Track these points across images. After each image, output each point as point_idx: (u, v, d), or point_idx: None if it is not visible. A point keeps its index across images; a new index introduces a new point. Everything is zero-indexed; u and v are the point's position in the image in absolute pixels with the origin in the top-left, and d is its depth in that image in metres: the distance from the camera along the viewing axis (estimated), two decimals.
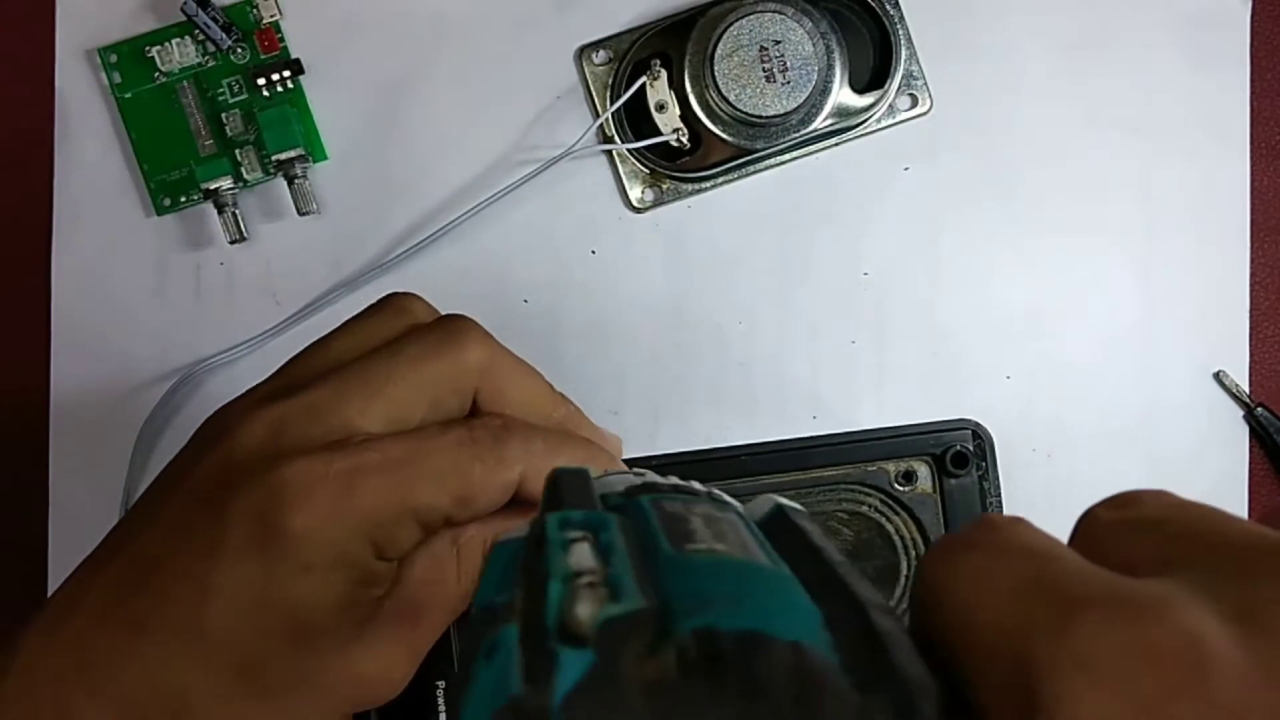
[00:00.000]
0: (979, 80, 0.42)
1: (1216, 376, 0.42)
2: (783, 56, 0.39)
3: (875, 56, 0.41)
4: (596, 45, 0.42)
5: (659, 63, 0.41)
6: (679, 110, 0.41)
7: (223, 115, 0.42)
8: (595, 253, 0.43)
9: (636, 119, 0.42)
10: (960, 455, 0.39)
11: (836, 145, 0.42)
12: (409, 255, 0.42)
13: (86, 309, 0.43)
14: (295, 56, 0.42)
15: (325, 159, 0.43)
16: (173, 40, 0.42)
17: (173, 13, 0.42)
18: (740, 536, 0.16)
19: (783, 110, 0.39)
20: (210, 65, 0.42)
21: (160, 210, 0.43)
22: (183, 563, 0.25)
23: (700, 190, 0.42)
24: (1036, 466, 0.42)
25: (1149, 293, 0.42)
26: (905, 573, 0.40)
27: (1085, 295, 0.42)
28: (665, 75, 0.41)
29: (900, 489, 0.40)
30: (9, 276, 0.43)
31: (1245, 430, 0.42)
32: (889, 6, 0.41)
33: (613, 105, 0.41)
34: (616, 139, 0.42)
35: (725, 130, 0.40)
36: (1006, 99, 0.42)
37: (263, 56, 0.42)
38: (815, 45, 0.39)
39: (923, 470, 0.40)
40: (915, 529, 0.40)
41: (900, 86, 0.41)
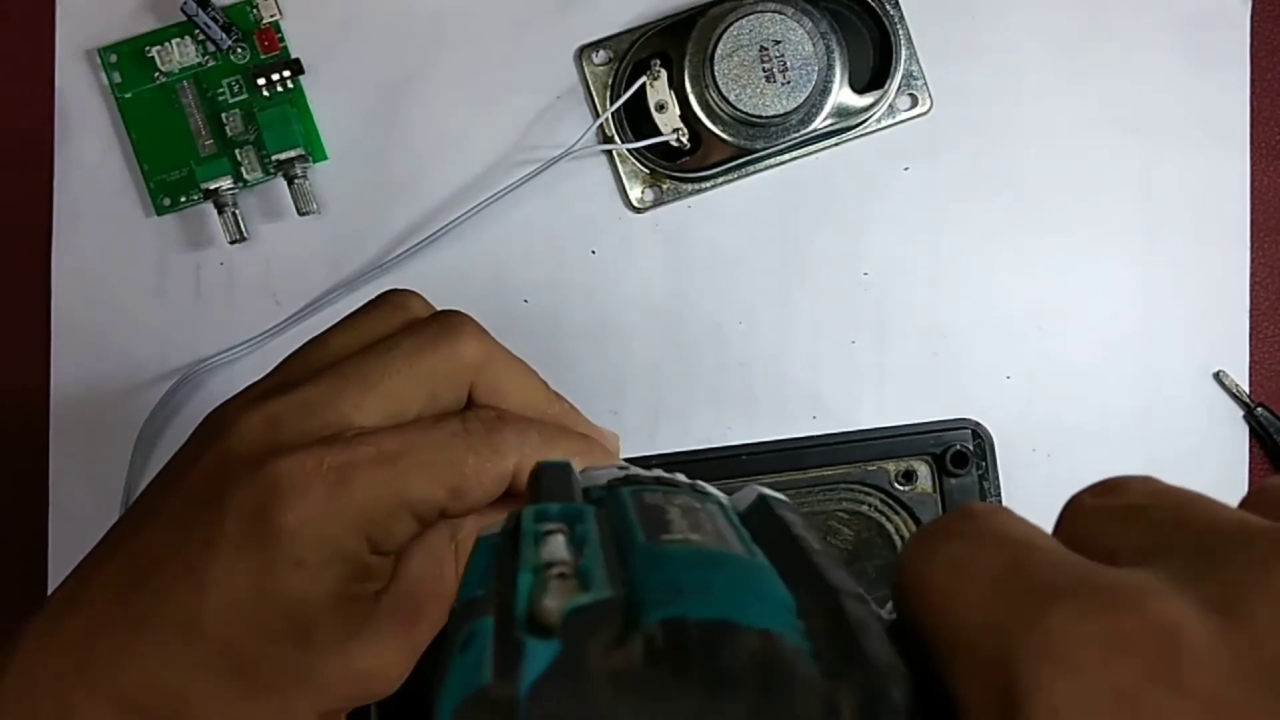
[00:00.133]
0: (979, 80, 0.42)
1: (1216, 376, 0.42)
2: (783, 56, 0.39)
3: (875, 56, 0.41)
4: (596, 45, 0.42)
5: (659, 63, 0.41)
6: (679, 110, 0.41)
7: (223, 115, 0.42)
8: (595, 253, 0.43)
9: (636, 119, 0.42)
10: (960, 455, 0.39)
11: (836, 145, 0.42)
12: (409, 255, 0.42)
13: (86, 309, 0.43)
14: (295, 56, 0.42)
15: (325, 159, 0.43)
16: (173, 40, 0.42)
17: (173, 13, 0.42)
18: (717, 526, 0.16)
19: (783, 110, 0.39)
20: (210, 65, 0.42)
21: (160, 210, 0.43)
22: (181, 560, 0.25)
23: (700, 190, 0.42)
24: (1036, 466, 0.42)
25: (1149, 292, 0.42)
26: None
27: (1085, 295, 0.42)
28: (665, 75, 0.41)
29: (900, 488, 0.40)
30: (9, 276, 0.43)
31: (1245, 430, 0.42)
32: (889, 6, 0.41)
33: (613, 105, 0.41)
34: (616, 139, 0.42)
35: (725, 130, 0.40)
36: (1006, 99, 0.42)
37: (263, 56, 0.42)
38: (815, 45, 0.39)
39: (923, 470, 0.40)
40: (915, 528, 0.40)
41: (900, 86, 0.41)
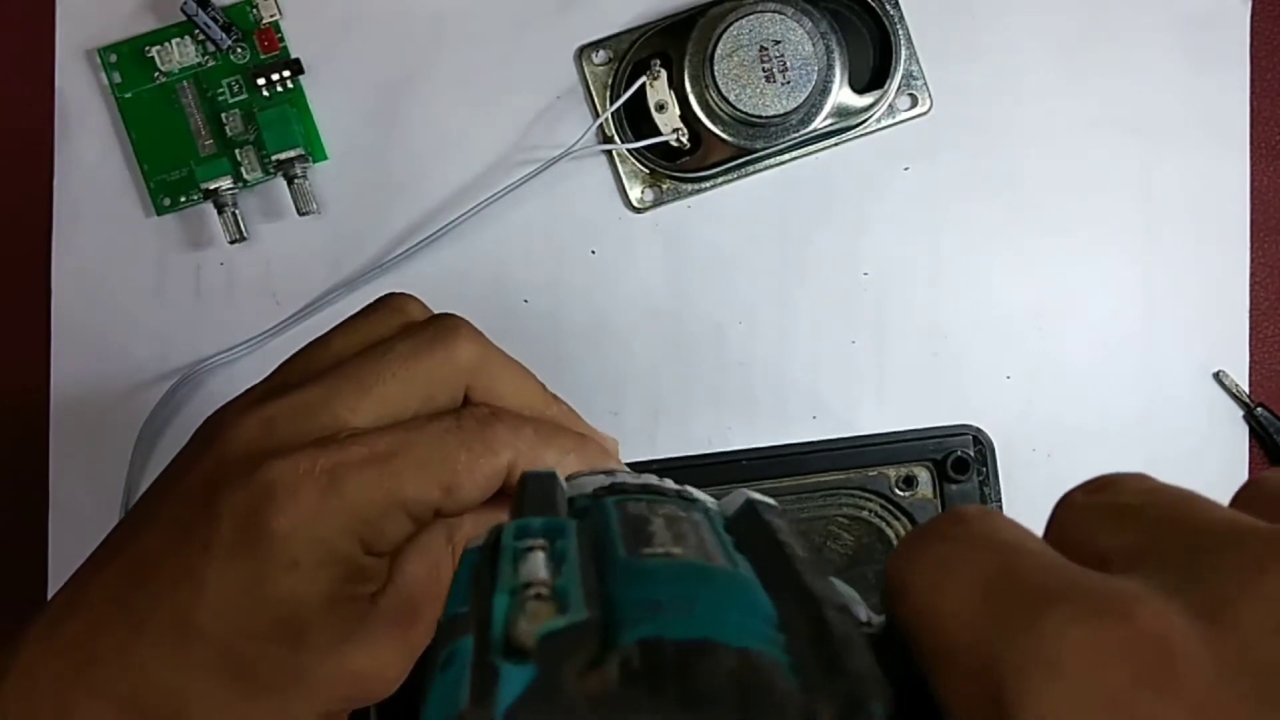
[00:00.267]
0: (979, 80, 0.42)
1: (1216, 376, 0.42)
2: (783, 56, 0.39)
3: (875, 56, 0.41)
4: (596, 45, 0.42)
5: (659, 63, 0.41)
6: (679, 110, 0.41)
7: (223, 115, 0.42)
8: (595, 253, 0.43)
9: (636, 119, 0.42)
10: (961, 461, 0.39)
11: (836, 145, 0.42)
12: (409, 255, 0.42)
13: (86, 309, 0.43)
14: (295, 56, 0.42)
15: (325, 159, 0.43)
16: (173, 40, 0.42)
17: (173, 13, 0.42)
18: (700, 537, 0.16)
19: (783, 110, 0.39)
20: (210, 65, 0.42)
21: (160, 210, 0.43)
22: (179, 563, 0.25)
23: (700, 190, 0.42)
24: (1036, 466, 0.42)
25: (1149, 293, 0.42)
26: None
27: (1085, 295, 0.42)
28: (665, 75, 0.40)
29: (901, 494, 0.40)
30: (9, 276, 0.43)
31: (1245, 430, 0.42)
32: (889, 6, 0.41)
33: (613, 105, 0.41)
34: (616, 139, 0.42)
35: (725, 130, 0.40)
36: (1006, 99, 0.42)
37: (263, 56, 0.42)
38: (815, 45, 0.39)
39: (923, 475, 0.40)
40: None
41: (900, 86, 0.41)
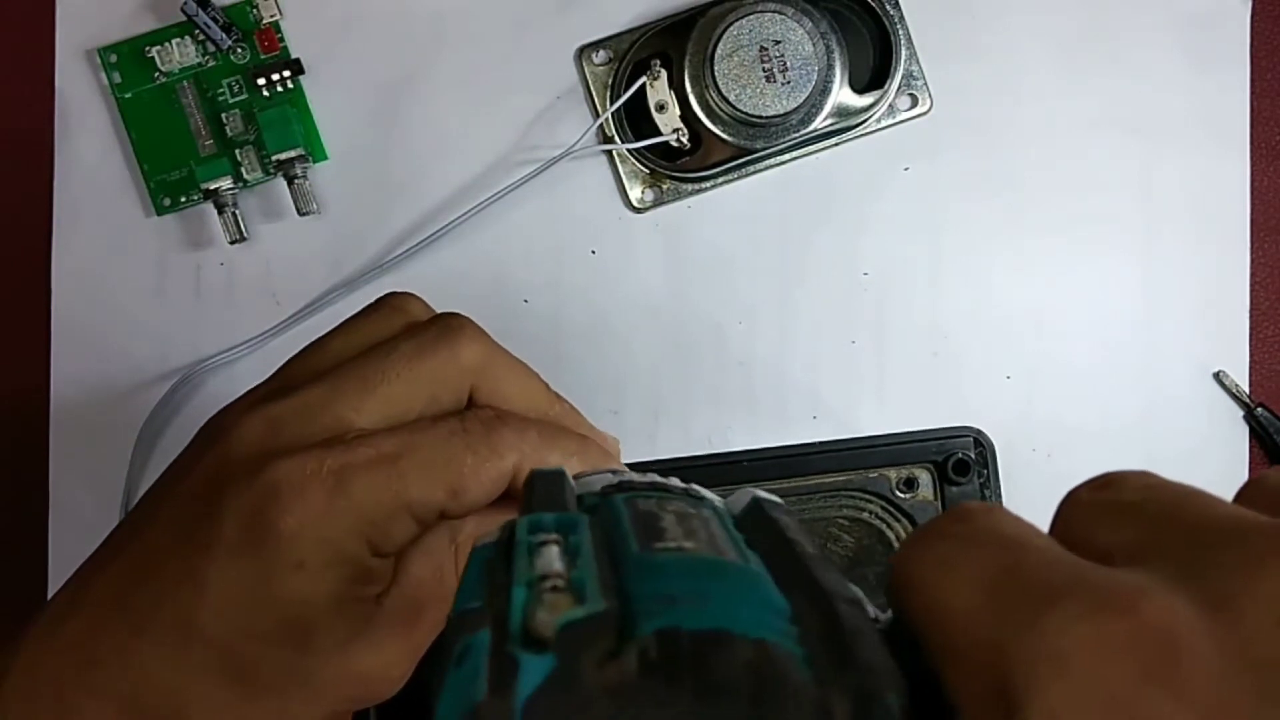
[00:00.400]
0: (979, 80, 0.42)
1: (1216, 376, 0.42)
2: (783, 56, 0.39)
3: (875, 56, 0.41)
4: (596, 45, 0.42)
5: (659, 63, 0.41)
6: (679, 110, 0.41)
7: (223, 115, 0.42)
8: (595, 253, 0.43)
9: (636, 119, 0.42)
10: (962, 463, 0.39)
11: (836, 145, 0.42)
12: (409, 255, 0.42)
13: (86, 309, 0.43)
14: (295, 56, 0.42)
15: (325, 159, 0.43)
16: (173, 40, 0.42)
17: (173, 13, 0.41)
18: (711, 533, 0.16)
19: (783, 110, 0.39)
20: (210, 65, 0.42)
21: (160, 210, 0.43)
22: (180, 563, 0.25)
23: (700, 190, 0.42)
24: (1036, 466, 0.42)
25: (1149, 293, 0.42)
26: None
27: (1085, 295, 0.42)
28: (665, 75, 0.40)
29: (902, 496, 0.40)
30: (9, 276, 0.43)
31: (1245, 430, 0.42)
32: (889, 6, 0.41)
33: (613, 105, 0.41)
34: (616, 139, 0.42)
35: (725, 130, 0.40)
36: (1006, 99, 0.42)
37: (263, 56, 0.42)
38: (815, 45, 0.39)
39: (924, 477, 0.40)
40: None
41: (900, 86, 0.41)
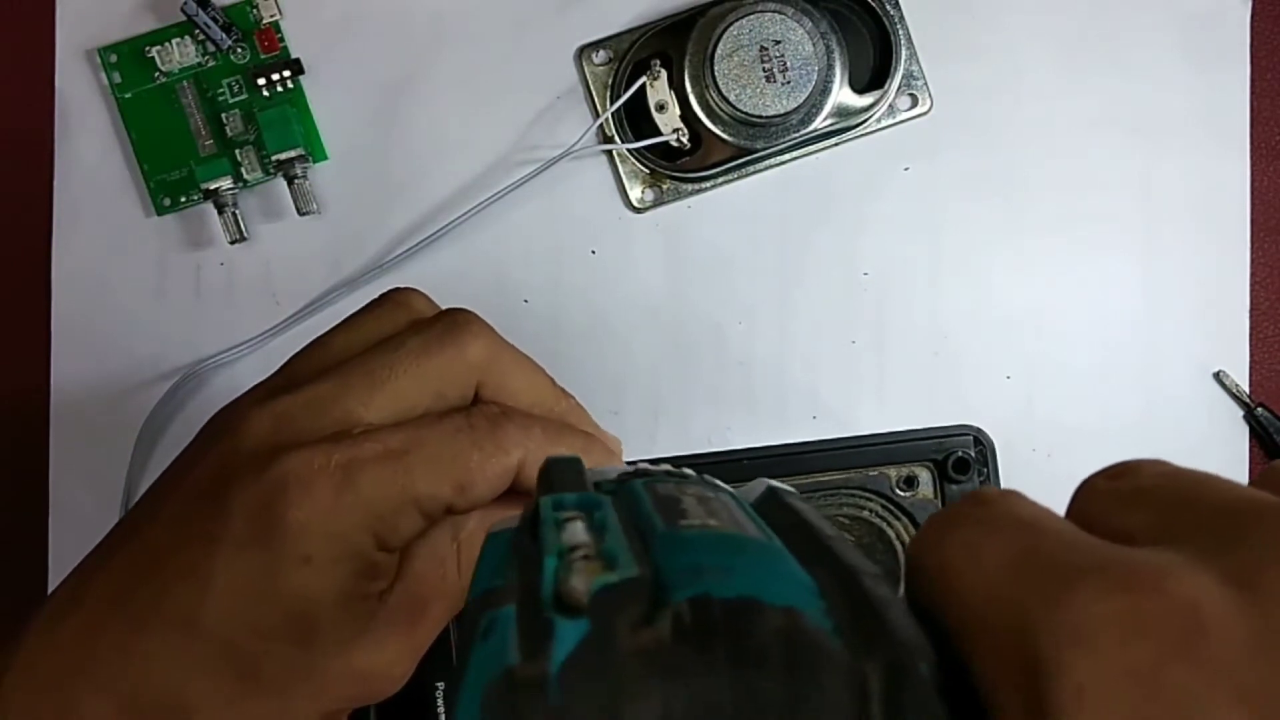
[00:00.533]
0: (979, 80, 0.42)
1: (1216, 376, 0.42)
2: (783, 56, 0.39)
3: (875, 56, 0.41)
4: (596, 45, 0.42)
5: (659, 63, 0.41)
6: (679, 110, 0.41)
7: (223, 115, 0.42)
8: (595, 253, 0.43)
9: (636, 119, 0.42)
10: (962, 461, 0.39)
11: (836, 145, 0.42)
12: (409, 255, 0.42)
13: (86, 309, 0.43)
14: (295, 56, 0.42)
15: (325, 159, 0.43)
16: (173, 40, 0.42)
17: (173, 13, 0.42)
18: (732, 514, 0.16)
19: (783, 110, 0.39)
20: (210, 65, 0.42)
21: (160, 210, 0.43)
22: (183, 558, 0.25)
23: (700, 190, 0.42)
24: (1036, 466, 0.42)
25: (1149, 292, 0.42)
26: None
27: (1085, 295, 0.42)
28: (665, 75, 0.40)
29: (902, 494, 0.40)
30: (9, 276, 0.43)
31: (1245, 430, 0.42)
32: (889, 6, 0.41)
33: (613, 105, 0.41)
34: (616, 139, 0.42)
35: (725, 130, 0.40)
36: (1006, 99, 0.42)
37: (263, 56, 0.42)
38: (815, 45, 0.39)
39: (924, 476, 0.40)
40: (916, 534, 0.40)
41: (900, 86, 0.41)
